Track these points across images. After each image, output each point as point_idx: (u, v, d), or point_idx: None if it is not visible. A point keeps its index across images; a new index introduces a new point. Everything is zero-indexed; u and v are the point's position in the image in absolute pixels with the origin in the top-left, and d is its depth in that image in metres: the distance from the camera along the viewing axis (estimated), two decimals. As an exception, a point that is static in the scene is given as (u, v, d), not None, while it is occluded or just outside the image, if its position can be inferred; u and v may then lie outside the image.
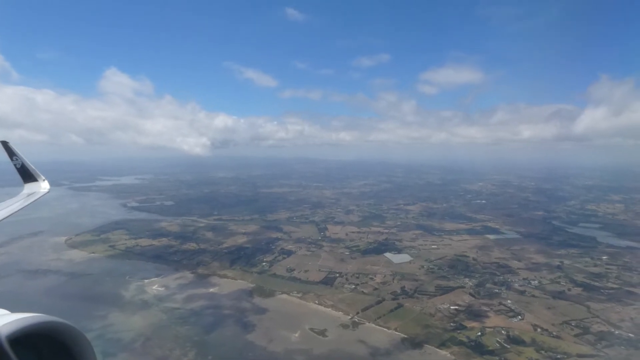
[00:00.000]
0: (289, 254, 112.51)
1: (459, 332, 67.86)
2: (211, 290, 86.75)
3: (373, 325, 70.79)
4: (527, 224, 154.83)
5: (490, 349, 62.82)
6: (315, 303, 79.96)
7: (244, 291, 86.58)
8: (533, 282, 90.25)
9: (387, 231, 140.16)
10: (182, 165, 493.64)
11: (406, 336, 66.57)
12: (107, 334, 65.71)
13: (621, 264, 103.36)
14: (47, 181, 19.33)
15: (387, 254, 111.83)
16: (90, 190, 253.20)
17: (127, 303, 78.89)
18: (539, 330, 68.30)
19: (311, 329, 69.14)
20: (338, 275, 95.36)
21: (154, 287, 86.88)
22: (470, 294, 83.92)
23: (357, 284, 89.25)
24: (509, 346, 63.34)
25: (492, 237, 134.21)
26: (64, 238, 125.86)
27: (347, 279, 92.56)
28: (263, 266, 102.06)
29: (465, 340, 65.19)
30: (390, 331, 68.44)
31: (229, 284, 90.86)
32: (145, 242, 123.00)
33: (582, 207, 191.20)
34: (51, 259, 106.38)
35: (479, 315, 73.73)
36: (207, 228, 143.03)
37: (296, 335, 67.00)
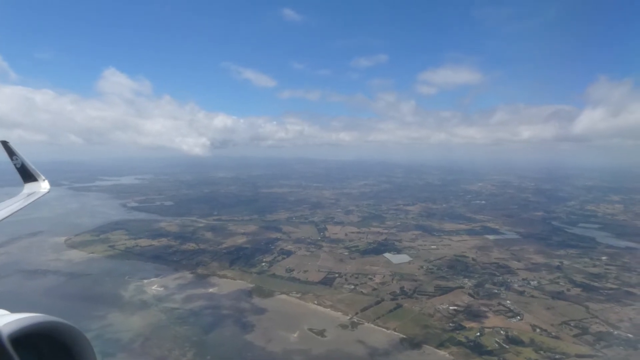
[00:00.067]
0: (288, 254, 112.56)
1: (457, 332, 67.97)
2: (210, 291, 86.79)
3: (372, 325, 70.86)
4: (527, 224, 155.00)
5: (489, 349, 62.95)
6: (314, 303, 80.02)
7: (243, 291, 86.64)
8: (532, 283, 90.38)
9: (387, 231, 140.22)
10: (182, 165, 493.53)
11: (405, 336, 66.66)
12: (106, 334, 65.71)
13: (620, 264, 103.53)
14: (47, 181, 19.25)
15: (387, 255, 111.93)
16: (90, 191, 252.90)
17: (126, 303, 78.87)
18: (537, 330, 68.43)
19: (310, 329, 69.21)
20: (337, 275, 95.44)
21: (153, 287, 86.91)
22: (470, 294, 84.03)
23: (356, 284, 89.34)
24: (507, 346, 63.48)
25: (491, 237, 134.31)
26: (64, 238, 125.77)
27: (346, 279, 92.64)
28: (262, 266, 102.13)
29: (464, 340, 65.32)
30: (389, 331, 68.52)
31: (228, 284, 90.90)
32: (144, 242, 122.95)
33: (581, 208, 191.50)
34: (50, 259, 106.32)
35: (478, 316, 73.84)
36: (207, 228, 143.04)
37: (295, 335, 67.07)
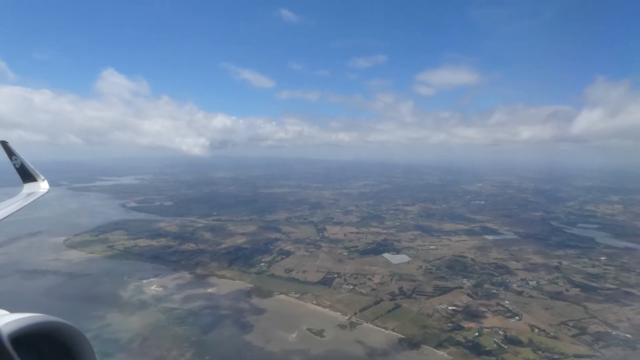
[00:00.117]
0: (287, 254, 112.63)
1: (456, 332, 68.11)
2: (209, 291, 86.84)
3: (371, 325, 70.98)
4: (526, 224, 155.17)
5: (487, 349, 63.08)
6: (313, 303, 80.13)
7: (242, 291, 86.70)
8: (531, 283, 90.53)
9: (386, 232, 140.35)
10: (182, 165, 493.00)
11: (403, 336, 66.78)
12: (104, 334, 65.73)
13: (619, 264, 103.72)
14: (47, 181, 19.28)
15: (386, 255, 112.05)
16: (90, 191, 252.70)
17: (125, 303, 78.91)
18: (536, 330, 68.58)
19: (309, 329, 69.31)
20: (336, 275, 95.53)
21: (152, 288, 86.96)
22: (468, 294, 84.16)
23: (355, 285, 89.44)
24: (506, 346, 63.62)
25: (490, 237, 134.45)
26: (63, 238, 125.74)
27: (345, 280, 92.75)
28: (261, 266, 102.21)
29: (463, 340, 65.44)
30: (387, 331, 68.64)
31: (227, 284, 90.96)
32: (143, 242, 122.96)
33: (581, 208, 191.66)
34: (50, 259, 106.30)
35: (476, 316, 73.97)
36: (206, 228, 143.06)
37: (294, 335, 67.18)
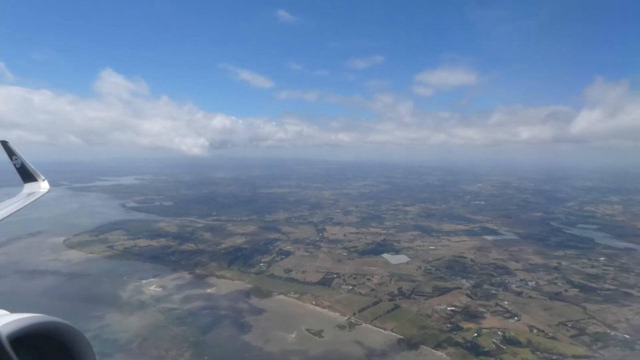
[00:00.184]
0: (286, 254, 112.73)
1: (455, 333, 68.21)
2: (208, 291, 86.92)
3: (369, 326, 71.04)
4: (526, 225, 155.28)
5: (486, 349, 63.16)
6: (312, 304, 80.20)
7: (242, 292, 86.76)
8: (530, 283, 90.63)
9: (385, 232, 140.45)
10: (181, 165, 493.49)
11: (402, 337, 66.84)
12: (104, 334, 65.81)
13: (618, 265, 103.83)
14: (47, 181, 19.36)
15: (385, 255, 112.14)
16: (90, 191, 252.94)
17: (124, 303, 78.97)
18: (535, 331, 68.67)
19: (308, 329, 69.36)
20: (335, 276, 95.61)
21: (151, 288, 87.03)
22: (467, 295, 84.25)
23: (354, 285, 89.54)
24: (504, 347, 63.72)
25: (490, 238, 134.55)
26: (63, 238, 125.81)
27: (345, 280, 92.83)
28: (261, 267, 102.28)
29: (462, 341, 65.53)
30: (386, 332, 68.70)
31: (226, 284, 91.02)
32: (143, 242, 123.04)
33: (580, 209, 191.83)
34: (49, 259, 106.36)
35: (475, 316, 74.06)
36: (206, 228, 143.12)
37: (293, 336, 67.24)
